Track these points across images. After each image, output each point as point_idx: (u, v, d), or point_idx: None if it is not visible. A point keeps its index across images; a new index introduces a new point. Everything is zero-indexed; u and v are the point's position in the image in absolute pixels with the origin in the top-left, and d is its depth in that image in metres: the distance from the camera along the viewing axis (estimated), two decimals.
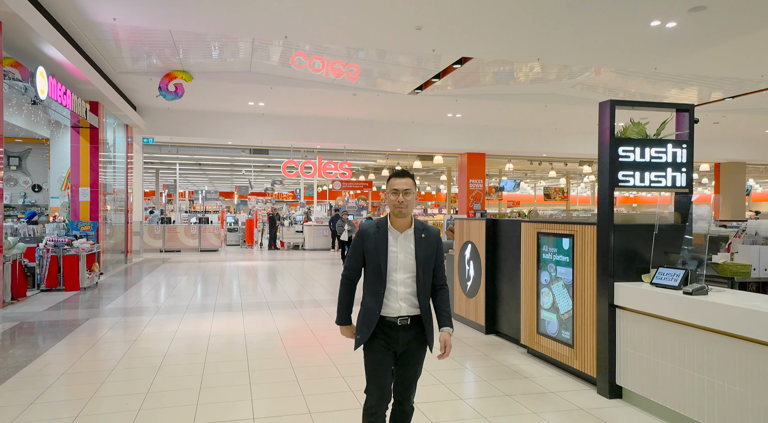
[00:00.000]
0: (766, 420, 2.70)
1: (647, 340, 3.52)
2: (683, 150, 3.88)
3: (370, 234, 2.45)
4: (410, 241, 2.44)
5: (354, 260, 2.51)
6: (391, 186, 2.45)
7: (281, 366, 4.64)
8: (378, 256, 2.40)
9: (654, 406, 3.51)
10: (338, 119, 15.15)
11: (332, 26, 7.77)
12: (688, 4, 6.77)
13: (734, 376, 2.88)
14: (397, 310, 2.41)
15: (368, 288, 2.45)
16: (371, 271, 2.44)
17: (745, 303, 2.92)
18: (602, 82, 11.66)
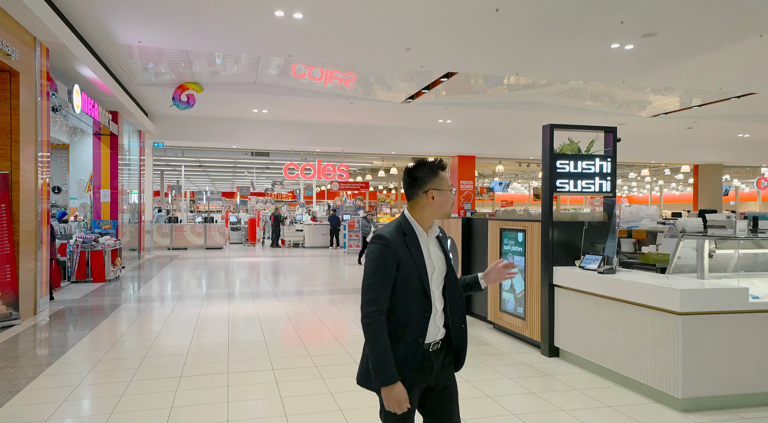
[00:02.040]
0: (646, 359, 3.75)
1: (575, 310, 4.57)
2: (608, 162, 4.94)
3: (400, 244, 1.90)
4: (436, 244, 2.00)
5: (384, 285, 1.87)
6: (447, 182, 1.99)
7: (291, 337, 5.68)
8: (419, 269, 1.89)
9: (579, 360, 4.57)
10: (336, 125, 16.19)
11: (331, 47, 8.81)
12: (641, 30, 7.82)
13: (626, 330, 3.94)
14: (433, 335, 1.93)
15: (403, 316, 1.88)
16: (410, 292, 1.89)
17: (633, 278, 3.98)
18: (590, 87, 12.65)
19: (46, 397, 3.83)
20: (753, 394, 3.58)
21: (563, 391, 4.01)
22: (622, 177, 33.12)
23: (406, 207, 2.01)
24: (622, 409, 3.59)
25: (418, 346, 1.87)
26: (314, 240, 20.15)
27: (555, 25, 7.61)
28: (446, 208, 1.97)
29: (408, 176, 2.00)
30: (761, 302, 3.60)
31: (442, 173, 1.99)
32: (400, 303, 1.88)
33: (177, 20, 7.58)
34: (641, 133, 17.30)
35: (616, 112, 14.77)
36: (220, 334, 5.79)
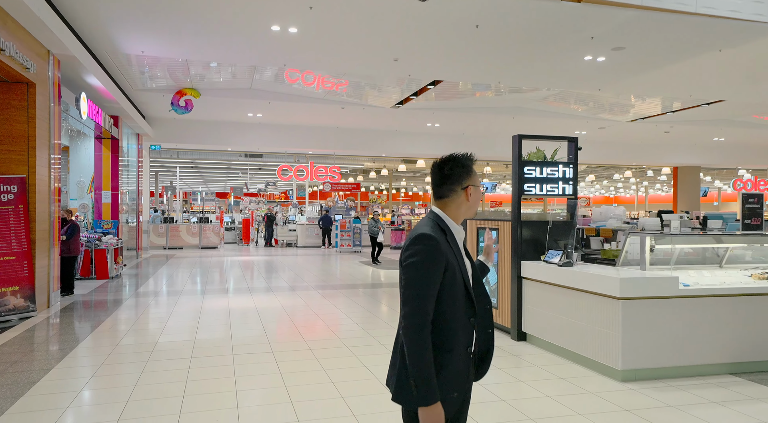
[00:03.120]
0: (594, 339, 4.38)
1: (540, 298, 5.19)
2: (569, 168, 5.57)
3: (444, 244, 1.72)
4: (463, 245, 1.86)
5: (433, 291, 1.67)
6: (478, 178, 1.88)
7: (287, 324, 6.25)
8: (463, 272, 1.75)
9: (543, 343, 5.19)
10: (329, 128, 16.77)
11: (324, 58, 9.39)
12: (610, 45, 8.47)
13: (579, 314, 4.56)
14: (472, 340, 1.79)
15: (451, 324, 1.72)
16: (456, 297, 1.72)
17: (586, 270, 4.61)
18: (573, 93, 13.29)
19: (75, 373, 4.39)
20: (681, 367, 4.22)
21: (526, 367, 4.63)
22: (607, 178, 33.97)
23: (433, 205, 1.83)
24: (572, 380, 4.21)
25: (468, 358, 1.73)
26: (307, 239, 20.69)
27: (531, 39, 8.24)
28: (478, 206, 1.86)
29: (441, 172, 1.82)
30: (690, 289, 4.24)
31: (475, 169, 1.86)
32: (448, 309, 1.69)
33: (178, 33, 8.12)
34: (622, 136, 18.04)
35: (596, 117, 15.47)
36: (222, 324, 6.35)
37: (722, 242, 4.76)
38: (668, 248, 4.80)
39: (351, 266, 13.42)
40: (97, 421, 3.40)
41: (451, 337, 1.71)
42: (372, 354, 5.04)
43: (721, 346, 4.25)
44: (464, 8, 6.95)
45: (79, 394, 3.92)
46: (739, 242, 4.86)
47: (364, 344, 5.42)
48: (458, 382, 1.71)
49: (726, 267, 5.04)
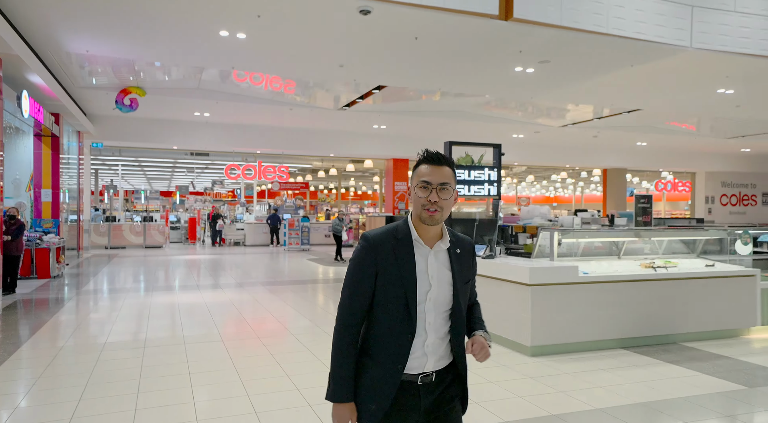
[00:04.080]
0: (510, 321, 5.03)
1: None
2: (494, 171, 6.24)
3: (386, 249, 1.62)
4: (444, 260, 1.68)
5: (361, 293, 1.64)
6: (420, 176, 1.65)
7: (238, 320, 6.60)
8: (404, 283, 1.61)
9: None
10: (277, 128, 16.99)
11: (272, 62, 9.71)
12: (537, 58, 9.27)
13: (499, 300, 5.21)
14: (421, 365, 1.65)
15: (381, 334, 1.65)
16: (389, 308, 1.63)
17: (505, 262, 5.26)
18: (512, 98, 14.06)
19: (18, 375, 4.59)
20: (580, 342, 4.94)
21: None
22: (546, 179, 35.79)
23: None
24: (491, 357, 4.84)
25: (396, 374, 1.60)
26: (255, 238, 20.76)
27: (466, 51, 8.91)
28: (416, 210, 1.64)
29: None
30: (588, 277, 4.97)
31: (420, 168, 1.67)
32: (378, 318, 1.63)
33: (125, 34, 8.22)
34: (555, 140, 19.27)
35: (533, 122, 16.52)
36: (171, 322, 6.61)
37: (617, 237, 5.54)
38: (573, 242, 5.54)
39: (300, 264, 13.76)
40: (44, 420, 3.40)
41: (376, 347, 1.64)
42: (323, 345, 5.50)
43: (613, 324, 5.01)
44: (403, 22, 7.50)
45: (27, 394, 4.15)
46: (631, 237, 5.66)
47: (314, 336, 5.86)
48: (378, 395, 1.61)
49: (623, 258, 5.85)
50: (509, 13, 7.16)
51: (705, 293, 5.29)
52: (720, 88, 10.74)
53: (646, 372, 4.36)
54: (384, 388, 1.62)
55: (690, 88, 10.87)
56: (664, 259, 5.66)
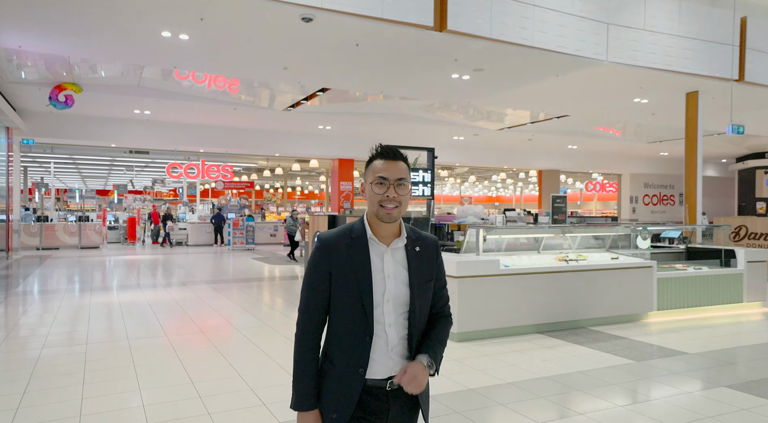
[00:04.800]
0: None
1: None
2: (427, 173, 6.71)
3: (340, 249, 1.59)
4: (401, 258, 1.62)
5: (317, 295, 1.61)
6: (376, 172, 1.61)
7: (180, 314, 6.73)
8: (359, 283, 1.56)
9: None
10: (221, 127, 16.89)
11: (215, 64, 9.80)
12: (471, 66, 9.86)
13: None
14: (388, 369, 1.60)
15: (339, 338, 1.61)
16: (346, 310, 1.59)
17: None
18: (454, 102, 14.68)
19: None
20: (501, 328, 5.48)
21: None
22: (487, 179, 37.15)
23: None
24: None
25: (358, 378, 1.56)
26: (198, 238, 20.47)
27: (405, 58, 9.37)
28: (372, 207, 1.61)
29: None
30: (509, 269, 5.52)
31: (375, 163, 1.63)
32: (336, 322, 1.60)
33: (63, 31, 8.11)
34: (494, 142, 20.21)
35: (472, 125, 17.30)
36: (112, 321, 6.66)
37: (535, 233, 6.14)
38: (497, 238, 6.09)
39: (245, 263, 13.81)
40: None
41: (336, 351, 1.60)
42: (272, 342, 5.75)
43: (530, 311, 5.59)
44: (344, 30, 7.85)
45: None
46: (547, 233, 6.29)
47: (264, 333, 6.11)
48: (340, 403, 1.56)
49: (543, 252, 6.47)
50: (443, 25, 7.67)
51: (610, 283, 5.98)
52: (636, 98, 11.77)
53: (555, 352, 4.94)
54: (347, 394, 1.56)
55: (610, 97, 11.85)
56: (577, 252, 6.33)
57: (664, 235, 7.88)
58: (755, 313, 6.82)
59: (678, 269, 6.55)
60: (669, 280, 6.29)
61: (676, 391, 4.02)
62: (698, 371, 4.48)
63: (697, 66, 9.61)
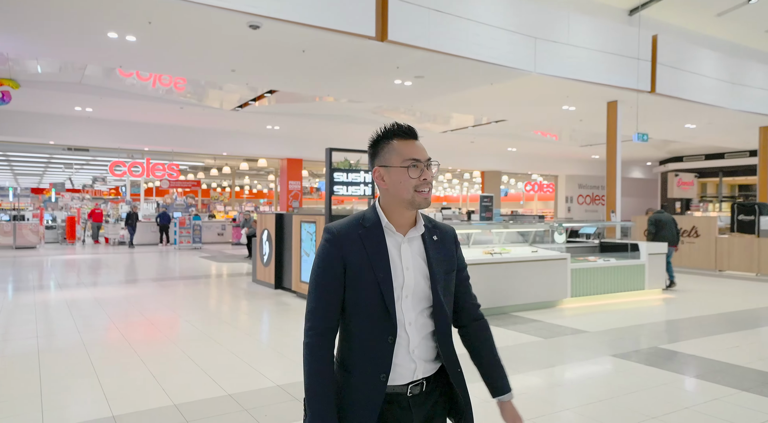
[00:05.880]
0: None
1: None
2: (368, 174, 7.23)
3: (353, 239, 1.42)
4: (419, 248, 1.46)
5: (325, 294, 1.43)
6: (404, 155, 1.45)
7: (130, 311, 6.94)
8: (378, 277, 1.39)
9: None
10: (167, 125, 16.77)
11: (163, 65, 9.93)
12: (413, 73, 10.46)
13: None
14: (410, 372, 1.44)
15: (357, 342, 1.44)
16: (363, 309, 1.42)
17: None
18: (400, 105, 15.28)
19: None
20: None
21: None
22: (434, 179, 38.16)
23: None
24: None
25: (379, 386, 1.39)
26: (143, 237, 20.13)
27: (350, 64, 9.86)
28: (404, 194, 1.42)
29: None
30: None
31: (394, 144, 1.46)
32: (351, 322, 1.43)
33: (4, 27, 8.05)
34: (438, 144, 21.03)
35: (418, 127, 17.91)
36: (60, 320, 6.77)
37: (465, 229, 6.79)
38: None
39: (193, 261, 13.86)
40: None
41: (354, 357, 1.43)
42: (225, 335, 6.08)
43: None
44: (291, 37, 8.23)
45: None
46: (475, 229, 6.96)
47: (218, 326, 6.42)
48: (359, 417, 1.39)
49: (473, 247, 7.13)
50: (384, 35, 8.21)
51: (530, 273, 6.71)
52: (564, 105, 12.77)
53: None
54: (367, 405, 1.39)
55: (541, 104, 12.80)
56: (502, 247, 7.03)
57: (582, 231, 8.76)
58: (655, 298, 7.78)
59: (590, 261, 7.39)
60: (581, 270, 7.11)
61: (573, 359, 4.73)
62: (594, 345, 5.23)
63: (615, 78, 10.63)
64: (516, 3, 9.40)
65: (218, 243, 20.66)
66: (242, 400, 3.70)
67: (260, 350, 5.17)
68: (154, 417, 3.41)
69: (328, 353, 1.43)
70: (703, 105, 12.01)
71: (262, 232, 9.11)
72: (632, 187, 25.88)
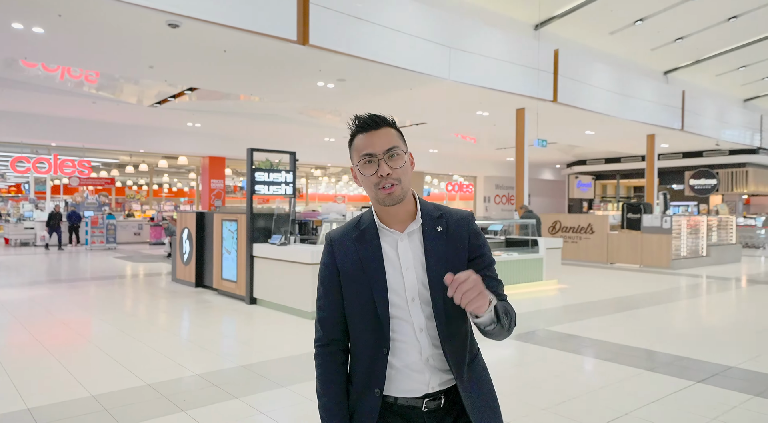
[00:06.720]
0: (297, 295, 6.30)
1: (266, 270, 6.95)
2: (289, 174, 7.48)
3: (346, 244, 1.37)
4: (418, 243, 1.35)
5: (331, 303, 1.38)
6: (359, 150, 1.33)
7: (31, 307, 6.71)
8: (370, 281, 1.32)
9: (268, 303, 6.98)
10: (77, 120, 15.91)
11: (73, 57, 9.55)
12: (335, 76, 10.78)
13: (290, 278, 6.45)
14: (423, 384, 1.32)
15: (356, 351, 1.38)
16: (358, 317, 1.35)
17: (295, 248, 6.53)
18: (327, 106, 15.51)
19: None
20: None
21: (254, 318, 6.33)
22: None
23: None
24: (284, 322, 6.07)
25: (373, 399, 1.31)
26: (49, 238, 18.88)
27: (273, 65, 10.01)
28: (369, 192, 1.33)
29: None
30: None
31: (356, 141, 1.36)
32: (351, 330, 1.37)
33: None
34: None
35: (341, 127, 18.31)
36: None
37: None
38: None
39: (105, 261, 13.31)
40: None
41: (354, 367, 1.38)
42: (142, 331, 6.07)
43: None
44: (212, 37, 8.28)
45: None
46: None
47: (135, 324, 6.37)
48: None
49: None
50: (306, 39, 8.48)
51: None
52: (478, 111, 13.64)
53: None
54: (363, 420, 1.32)
55: (457, 109, 13.59)
56: None
57: (490, 228, 9.52)
58: (552, 288, 8.66)
59: (495, 255, 8.09)
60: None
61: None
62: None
63: (522, 87, 11.56)
64: (432, 13, 10.00)
65: (135, 243, 19.84)
66: (161, 388, 3.87)
67: (180, 345, 5.29)
68: (72, 407, 3.50)
69: (333, 364, 1.38)
70: (598, 114, 13.32)
71: (182, 230, 9.06)
72: (543, 187, 27.80)
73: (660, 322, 6.53)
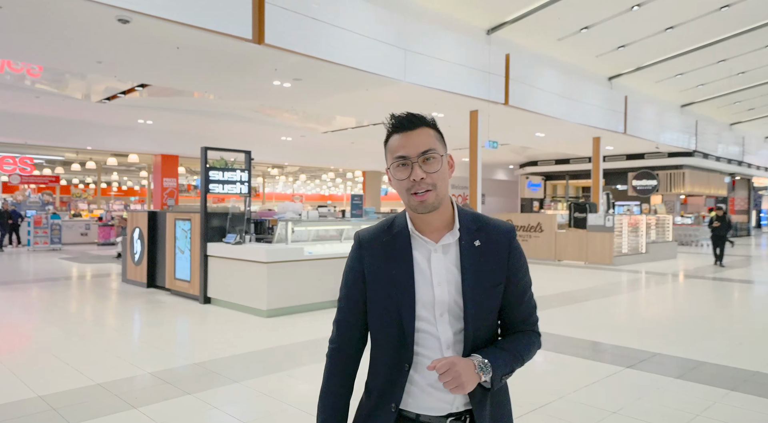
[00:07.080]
0: (253, 291, 6.33)
1: (220, 269, 6.93)
2: (245, 173, 7.48)
3: (376, 246, 1.30)
4: (453, 257, 1.26)
5: (351, 306, 1.33)
6: (393, 152, 1.26)
7: None
8: (397, 292, 1.25)
9: (222, 302, 6.96)
10: (18, 115, 15.20)
11: (14, 50, 9.16)
12: (291, 76, 10.77)
13: (245, 277, 6.47)
14: (448, 403, 1.26)
15: (376, 363, 1.32)
16: (381, 327, 1.28)
17: (251, 247, 6.55)
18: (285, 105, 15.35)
19: None
20: (304, 304, 6.55)
21: (208, 317, 6.31)
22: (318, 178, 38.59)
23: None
24: (239, 321, 6.09)
25: (389, 415, 1.25)
26: None
27: (228, 63, 9.92)
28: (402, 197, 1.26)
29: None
30: (312, 256, 6.60)
31: (390, 141, 1.29)
32: (372, 340, 1.32)
33: None
34: (320, 144, 21.49)
35: (300, 127, 18.26)
36: None
37: (336, 225, 7.34)
38: (304, 230, 7.15)
39: (49, 263, 12.80)
40: None
41: (373, 379, 1.31)
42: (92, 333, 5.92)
43: (329, 289, 6.75)
44: (164, 33, 8.14)
45: None
46: (346, 225, 7.55)
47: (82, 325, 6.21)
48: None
49: (344, 241, 7.71)
50: (261, 38, 8.47)
51: None
52: (434, 112, 13.92)
53: None
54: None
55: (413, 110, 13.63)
56: None
57: None
58: None
59: None
60: None
61: None
62: None
63: (475, 90, 11.92)
64: (388, 16, 10.18)
65: (82, 243, 19.11)
66: (112, 387, 3.85)
67: (131, 345, 5.23)
68: (18, 408, 3.45)
69: (342, 367, 1.33)
70: (547, 117, 13.87)
71: (133, 230, 8.87)
72: (497, 187, 28.56)
73: (602, 314, 6.94)
